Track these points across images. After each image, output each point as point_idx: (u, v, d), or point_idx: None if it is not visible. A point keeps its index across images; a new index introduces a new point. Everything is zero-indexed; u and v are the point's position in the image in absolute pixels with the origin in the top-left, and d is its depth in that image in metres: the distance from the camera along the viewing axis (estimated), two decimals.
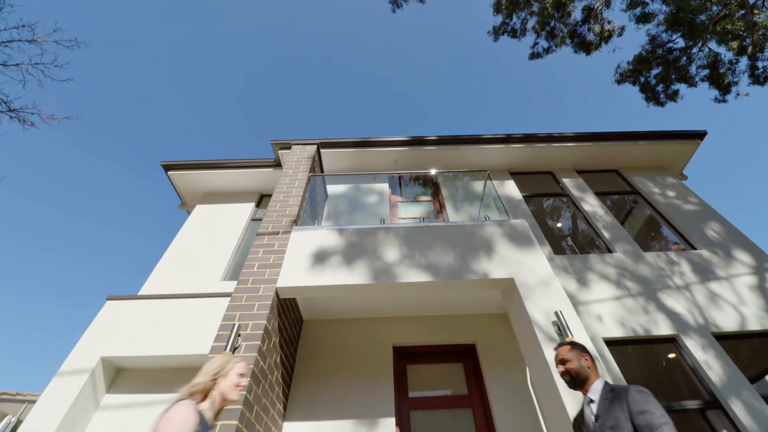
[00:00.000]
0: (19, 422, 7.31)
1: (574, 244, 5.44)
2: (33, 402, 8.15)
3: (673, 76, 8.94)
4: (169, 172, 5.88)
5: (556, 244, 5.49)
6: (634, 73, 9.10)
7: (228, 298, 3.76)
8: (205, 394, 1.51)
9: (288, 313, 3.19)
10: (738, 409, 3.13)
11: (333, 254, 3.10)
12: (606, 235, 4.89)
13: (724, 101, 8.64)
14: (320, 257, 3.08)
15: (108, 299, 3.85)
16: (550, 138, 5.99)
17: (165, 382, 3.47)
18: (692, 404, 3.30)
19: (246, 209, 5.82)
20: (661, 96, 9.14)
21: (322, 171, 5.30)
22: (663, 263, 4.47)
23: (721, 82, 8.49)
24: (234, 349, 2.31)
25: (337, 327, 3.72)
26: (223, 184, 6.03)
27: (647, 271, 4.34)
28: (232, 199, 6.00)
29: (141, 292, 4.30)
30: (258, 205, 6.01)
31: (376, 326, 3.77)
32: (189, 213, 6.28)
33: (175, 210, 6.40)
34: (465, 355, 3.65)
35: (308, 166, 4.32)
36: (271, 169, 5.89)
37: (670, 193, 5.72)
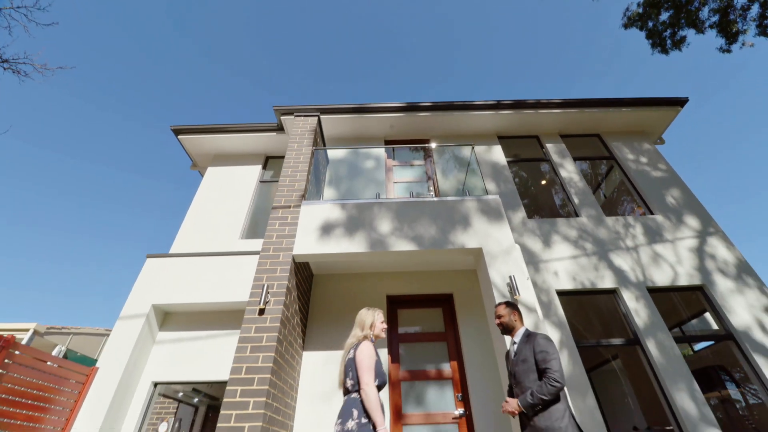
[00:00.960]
0: (68, 351, 8.53)
1: (547, 208, 6.10)
2: (76, 334, 9.39)
3: (682, 21, 8.86)
4: (179, 136, 6.29)
5: (531, 208, 6.16)
6: (642, 17, 8.96)
7: (248, 256, 4.52)
8: (367, 336, 2.34)
9: (302, 272, 3.95)
10: (651, 345, 4.06)
11: (337, 226, 3.76)
12: (576, 200, 5.53)
13: (729, 51, 8.66)
14: (326, 228, 3.74)
15: (148, 257, 4.59)
16: (537, 104, 6.31)
17: (204, 322, 4.36)
18: (618, 341, 4.25)
19: (254, 171, 6.34)
20: (668, 42, 9.14)
21: (323, 139, 5.72)
22: (620, 227, 5.18)
23: (729, 30, 8.45)
24: (266, 303, 3.08)
25: (341, 280, 4.53)
26: (231, 147, 6.46)
27: (605, 234, 5.07)
28: (240, 161, 6.49)
29: (172, 251, 5.04)
30: (264, 167, 6.51)
31: (373, 279, 4.57)
32: (201, 173, 6.81)
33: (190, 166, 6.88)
34: (444, 302, 4.51)
35: (311, 140, 4.78)
36: (275, 134, 6.30)
37: (643, 159, 6.24)
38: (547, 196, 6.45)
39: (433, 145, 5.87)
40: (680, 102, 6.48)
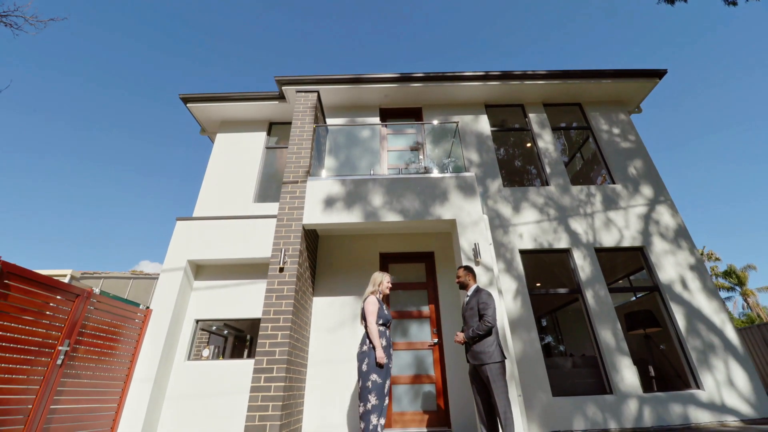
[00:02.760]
0: (101, 292, 9.62)
1: (522, 176, 6.82)
2: (106, 278, 10.57)
3: None
4: (188, 104, 6.76)
5: (508, 176, 6.87)
6: None
7: (261, 219, 5.35)
8: (375, 292, 3.37)
9: (310, 235, 4.81)
10: (589, 294, 5.09)
11: (337, 199, 4.54)
12: (548, 170, 6.25)
13: (735, 4, 8.76)
14: (329, 201, 4.52)
15: (177, 220, 5.41)
16: (523, 76, 6.72)
17: (230, 273, 5.33)
18: (564, 290, 5.29)
19: (260, 138, 6.92)
20: None
21: (323, 112, 6.22)
22: (583, 195, 5.97)
23: None
24: (284, 263, 3.98)
25: (342, 240, 5.42)
26: (237, 114, 6.96)
27: (568, 201, 5.87)
28: (246, 128, 7.02)
29: (195, 214, 5.85)
30: (269, 134, 7.07)
31: (368, 239, 5.46)
32: (210, 139, 7.37)
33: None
34: (426, 258, 5.45)
35: (312, 117, 5.34)
36: (277, 102, 6.77)
37: (615, 130, 6.82)
38: (524, 165, 7.13)
39: (424, 123, 6.39)
40: (658, 74, 6.87)
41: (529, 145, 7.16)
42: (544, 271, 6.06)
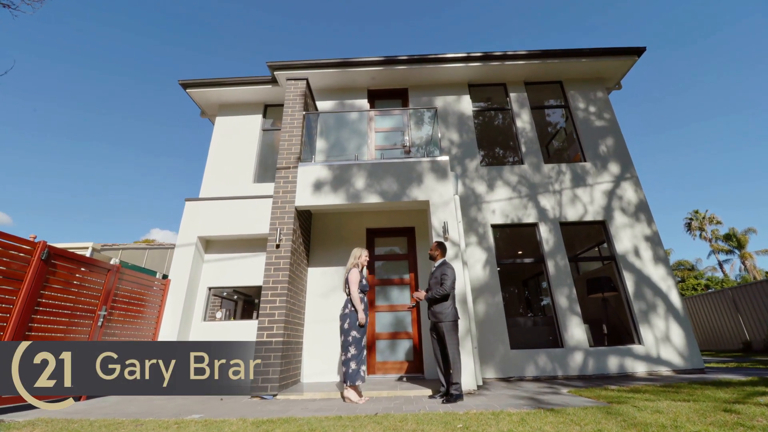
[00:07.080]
0: (121, 262, 10.38)
1: (499, 155, 7.29)
2: (124, 249, 11.44)
3: None
4: (187, 90, 7.18)
5: (486, 155, 7.35)
6: None
7: (261, 199, 5.99)
8: (356, 264, 3.95)
9: (303, 214, 5.45)
10: (550, 263, 5.77)
11: (325, 183, 5.13)
12: (523, 149, 6.72)
13: None
14: (317, 185, 5.12)
15: (186, 200, 6.08)
16: (504, 57, 6.99)
17: (236, 247, 6.07)
18: (530, 259, 5.98)
19: (256, 120, 7.40)
20: None
21: (312, 98, 6.61)
22: (554, 173, 6.49)
23: None
24: (280, 241, 4.66)
25: (333, 217, 6.07)
26: (233, 97, 7.39)
27: (539, 179, 6.41)
28: (243, 110, 7.49)
29: (201, 194, 6.50)
30: (264, 116, 7.53)
31: (356, 217, 6.10)
32: (211, 121, 7.85)
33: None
34: (407, 233, 6.12)
35: (302, 104, 5.78)
36: (270, 86, 7.17)
37: (592, 109, 7.17)
38: (501, 145, 7.56)
39: (407, 108, 6.78)
40: (637, 51, 7.08)
41: (503, 129, 7.55)
42: (513, 243, 6.72)
